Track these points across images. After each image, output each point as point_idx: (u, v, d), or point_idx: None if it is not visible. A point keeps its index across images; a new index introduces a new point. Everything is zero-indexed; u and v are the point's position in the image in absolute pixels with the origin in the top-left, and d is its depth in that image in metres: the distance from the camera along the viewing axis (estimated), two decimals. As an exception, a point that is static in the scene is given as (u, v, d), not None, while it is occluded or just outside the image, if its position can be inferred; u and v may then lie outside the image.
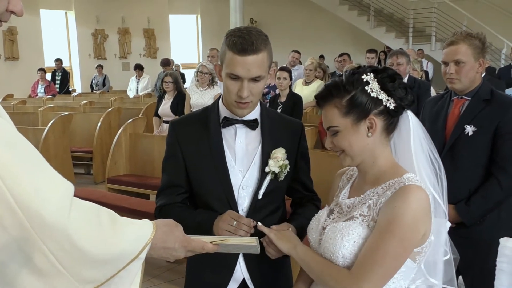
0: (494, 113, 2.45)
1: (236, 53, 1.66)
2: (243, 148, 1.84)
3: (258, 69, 1.69)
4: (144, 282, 4.33)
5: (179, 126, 1.91)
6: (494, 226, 2.46)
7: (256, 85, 1.72)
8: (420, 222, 1.42)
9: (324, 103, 1.55)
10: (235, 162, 1.83)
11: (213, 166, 1.82)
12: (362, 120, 1.50)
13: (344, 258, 1.45)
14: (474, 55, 2.48)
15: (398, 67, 4.49)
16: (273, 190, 1.84)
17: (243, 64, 1.67)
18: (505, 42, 11.62)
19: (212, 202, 1.84)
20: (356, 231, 1.45)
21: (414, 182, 1.44)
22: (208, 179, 1.83)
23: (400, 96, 1.51)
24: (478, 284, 2.49)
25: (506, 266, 1.68)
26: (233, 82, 1.71)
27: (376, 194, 1.49)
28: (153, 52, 17.20)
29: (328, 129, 1.56)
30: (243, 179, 1.83)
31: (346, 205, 1.58)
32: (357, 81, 1.51)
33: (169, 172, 1.90)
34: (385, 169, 1.54)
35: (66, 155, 6.99)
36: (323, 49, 14.32)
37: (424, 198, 1.43)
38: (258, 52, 1.67)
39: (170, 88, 6.54)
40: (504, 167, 2.41)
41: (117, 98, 10.74)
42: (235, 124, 1.83)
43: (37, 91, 12.52)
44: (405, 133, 1.56)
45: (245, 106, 1.77)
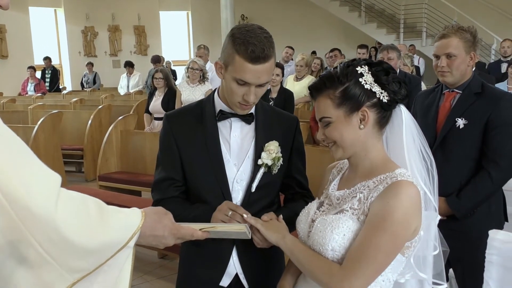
0: (485, 106, 2.46)
1: (248, 61, 1.63)
2: (238, 142, 1.84)
3: (267, 76, 1.69)
4: (136, 278, 4.35)
5: (173, 119, 1.89)
6: (484, 219, 2.47)
7: (261, 89, 1.73)
8: (411, 218, 1.42)
9: (317, 94, 1.55)
10: (230, 155, 1.83)
11: (208, 159, 1.81)
12: (354, 112, 1.49)
13: (334, 251, 1.45)
14: (466, 48, 2.49)
15: (389, 62, 4.50)
16: (266, 184, 1.84)
17: (254, 72, 1.65)
18: (495, 37, 11.68)
19: (207, 195, 1.83)
20: (346, 224, 1.45)
21: (406, 178, 1.44)
22: (203, 172, 1.82)
23: (393, 90, 1.51)
24: (468, 276, 2.50)
25: (495, 258, 1.70)
26: (240, 86, 1.69)
27: (367, 187, 1.48)
28: (144, 49, 17.13)
29: (320, 120, 1.55)
30: (237, 172, 1.83)
31: (335, 197, 1.57)
32: (351, 73, 1.50)
33: (165, 165, 1.88)
34: (377, 163, 1.53)
35: (56, 153, 6.94)
36: (315, 45, 14.33)
37: (415, 194, 1.43)
38: (268, 60, 1.65)
39: (160, 85, 6.51)
40: (494, 160, 2.42)
41: (108, 96, 10.69)
42: (230, 117, 1.83)
43: (27, 89, 12.45)
44: (398, 127, 1.55)
45: (248, 108, 1.78)
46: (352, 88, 1.49)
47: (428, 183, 1.57)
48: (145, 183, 5.42)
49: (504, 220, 2.58)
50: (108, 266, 1.22)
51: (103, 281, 1.23)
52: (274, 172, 1.82)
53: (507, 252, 1.67)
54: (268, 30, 1.71)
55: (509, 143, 2.43)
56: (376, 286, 1.47)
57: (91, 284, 1.21)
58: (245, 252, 1.82)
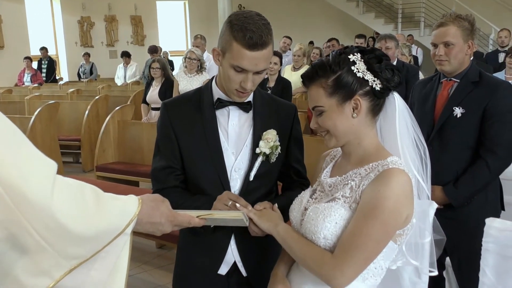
0: (482, 95, 2.45)
1: (246, 47, 1.62)
2: (236, 130, 1.83)
3: (265, 63, 1.68)
4: (134, 268, 4.36)
5: (171, 107, 1.88)
6: (481, 208, 2.48)
7: (259, 76, 1.72)
8: (403, 206, 1.41)
9: (310, 83, 1.54)
10: (228, 144, 1.82)
11: (206, 148, 1.80)
12: (347, 101, 1.48)
13: (326, 239, 1.45)
14: (463, 36, 2.48)
15: (387, 51, 4.49)
16: (265, 172, 1.83)
17: (251, 59, 1.64)
18: (493, 27, 11.67)
19: (205, 184, 1.82)
20: (338, 213, 1.45)
21: (397, 166, 1.43)
22: (201, 161, 1.81)
23: (386, 77, 1.49)
24: (464, 264, 2.52)
25: (491, 246, 1.70)
26: (237, 73, 1.68)
27: (359, 175, 1.48)
28: (141, 40, 17.04)
29: (313, 109, 1.54)
30: (235, 161, 1.82)
31: (327, 184, 1.57)
32: (344, 61, 1.48)
33: (164, 153, 1.86)
34: (370, 151, 1.52)
35: (54, 144, 6.93)
36: (313, 35, 14.28)
37: (406, 181, 1.42)
38: (266, 47, 1.64)
39: (157, 75, 6.49)
40: (492, 149, 2.42)
41: (105, 86, 10.66)
42: (228, 106, 1.82)
43: (23, 80, 12.38)
44: (391, 115, 1.54)
45: (246, 95, 1.77)
46: (344, 77, 1.47)
47: (421, 170, 1.57)
48: (142, 174, 5.42)
49: (501, 209, 2.59)
50: (105, 252, 1.22)
51: (100, 268, 1.23)
52: (272, 160, 1.82)
53: (503, 240, 1.67)
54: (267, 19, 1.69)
55: (507, 132, 2.43)
56: (368, 273, 1.48)
57: (89, 271, 1.21)
58: (243, 240, 1.83)
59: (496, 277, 1.69)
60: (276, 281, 1.62)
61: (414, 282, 1.83)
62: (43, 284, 1.13)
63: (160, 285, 3.82)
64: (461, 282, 2.61)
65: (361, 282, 1.48)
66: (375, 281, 1.51)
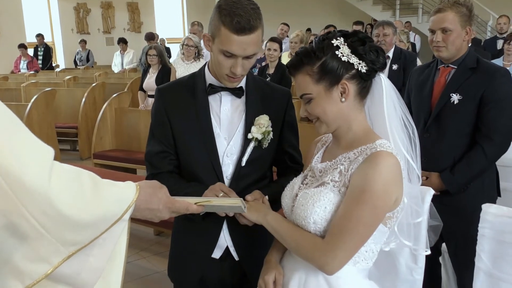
0: (479, 81, 2.45)
1: (233, 32, 1.62)
2: (228, 116, 1.84)
3: (253, 47, 1.67)
4: (132, 255, 4.37)
5: (166, 93, 1.89)
6: (477, 194, 2.49)
7: (249, 61, 1.72)
8: (391, 189, 1.42)
9: (295, 72, 1.54)
10: (220, 129, 1.83)
11: (199, 133, 1.82)
12: (334, 86, 1.49)
13: (316, 224, 1.46)
14: (461, 22, 2.47)
15: (385, 38, 4.49)
16: (257, 158, 1.84)
17: (240, 43, 1.63)
18: (491, 14, 11.63)
19: (197, 169, 1.84)
20: (327, 197, 1.46)
21: (385, 149, 1.44)
22: (194, 146, 1.83)
23: (371, 59, 1.50)
24: (461, 250, 2.53)
25: (487, 231, 1.71)
26: (226, 58, 1.68)
27: (348, 159, 1.49)
28: (138, 27, 16.94)
29: (301, 97, 1.55)
30: (227, 146, 1.83)
31: (318, 170, 1.59)
32: (327, 46, 1.49)
33: (158, 138, 1.88)
34: (359, 135, 1.54)
35: (51, 131, 6.91)
36: (310, 22, 14.19)
37: (394, 164, 1.42)
38: (254, 31, 1.64)
39: (154, 62, 6.46)
40: (488, 135, 2.42)
41: (102, 73, 10.60)
42: (220, 91, 1.83)
43: (20, 67, 12.32)
44: (378, 96, 1.55)
45: (236, 80, 1.77)
46: (329, 62, 1.48)
47: (410, 150, 1.57)
48: (140, 161, 5.42)
49: (497, 195, 2.60)
50: (103, 239, 1.23)
51: (98, 254, 1.24)
52: (265, 146, 1.82)
53: (499, 225, 1.68)
54: (262, 8, 1.69)
55: (503, 118, 2.43)
56: (359, 257, 1.49)
57: (87, 257, 1.21)
58: (235, 226, 1.83)
59: (492, 262, 1.71)
60: (269, 268, 1.63)
61: (411, 268, 1.85)
62: (42, 270, 1.14)
63: (158, 271, 3.84)
64: (457, 268, 2.63)
65: (352, 266, 1.50)
66: (367, 264, 1.53)
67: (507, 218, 1.68)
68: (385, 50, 4.51)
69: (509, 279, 1.66)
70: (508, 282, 1.67)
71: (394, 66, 4.51)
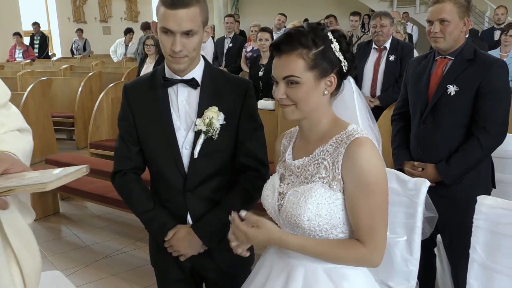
0: (476, 72, 2.44)
1: (168, 7, 1.68)
2: (186, 108, 1.87)
3: (189, 23, 1.70)
4: (128, 245, 4.37)
5: (130, 88, 1.95)
6: (473, 185, 2.49)
7: (189, 40, 1.73)
8: (383, 168, 1.48)
9: (288, 50, 1.47)
10: (179, 121, 1.87)
11: (160, 126, 1.86)
12: (324, 77, 1.49)
13: (310, 221, 1.47)
14: (459, 14, 2.47)
15: (382, 29, 4.47)
16: (211, 151, 1.85)
17: (174, 17, 1.68)
18: (489, 4, 11.60)
19: (160, 162, 1.90)
20: (318, 193, 1.47)
21: (361, 134, 1.47)
22: (155, 139, 1.88)
23: (351, 59, 1.53)
24: (455, 241, 2.54)
25: (482, 223, 1.72)
26: (166, 37, 1.73)
27: (327, 152, 1.50)
28: (135, 16, 16.86)
29: (284, 78, 1.48)
30: (185, 138, 1.86)
31: (296, 167, 1.57)
32: (325, 37, 1.49)
33: (123, 133, 1.95)
34: (328, 126, 1.55)
35: (47, 121, 6.88)
36: (307, 12, 14.13)
37: (373, 145, 1.47)
38: (188, 6, 1.68)
39: (151, 51, 6.43)
40: (484, 127, 2.43)
41: (98, 63, 10.55)
42: (177, 83, 1.85)
43: (15, 56, 12.25)
44: (349, 96, 1.60)
45: (180, 61, 1.78)
46: (326, 53, 1.48)
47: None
48: (136, 151, 5.41)
49: (492, 187, 2.61)
50: None
51: None
52: (214, 137, 1.83)
53: (494, 217, 1.69)
54: None
55: (499, 110, 2.43)
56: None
57: None
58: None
59: (486, 253, 1.71)
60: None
61: (406, 259, 1.86)
62: None
63: (155, 261, 3.85)
64: (452, 259, 2.65)
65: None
66: None
67: (502, 210, 1.68)
68: (382, 41, 4.51)
69: (503, 270, 1.67)
70: (502, 274, 1.67)
71: (391, 57, 4.49)
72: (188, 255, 1.91)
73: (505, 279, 1.67)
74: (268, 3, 13.26)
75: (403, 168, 2.64)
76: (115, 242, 4.22)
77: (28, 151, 1.47)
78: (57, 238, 4.43)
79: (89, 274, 3.68)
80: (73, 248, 4.16)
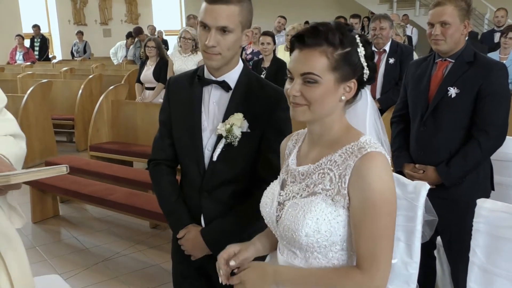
0: (476, 75, 2.45)
1: (208, 2, 1.72)
2: (215, 109, 1.87)
3: (225, 19, 1.70)
4: (128, 248, 4.37)
5: (172, 84, 2.01)
6: (473, 187, 2.49)
7: (224, 37, 1.73)
8: (393, 186, 1.36)
9: (312, 44, 1.36)
10: (207, 122, 1.88)
11: (189, 124, 1.88)
12: (345, 81, 1.39)
13: (308, 237, 1.38)
14: (460, 16, 2.47)
15: (381, 32, 4.47)
16: (232, 157, 1.83)
17: (211, 11, 1.70)
18: (488, 7, 11.61)
19: (184, 158, 1.95)
20: (319, 207, 1.38)
21: (373, 148, 1.36)
22: (182, 135, 1.93)
23: (373, 68, 1.44)
24: (455, 244, 2.54)
25: (482, 226, 1.71)
26: (203, 31, 1.74)
27: (335, 163, 1.40)
28: (135, 18, 16.86)
29: (302, 75, 1.37)
30: (208, 139, 1.87)
31: (299, 173, 1.48)
32: (353, 40, 1.39)
33: (161, 124, 2.01)
34: (340, 133, 1.45)
35: (47, 123, 6.88)
36: (307, 14, 14.14)
37: (385, 162, 1.36)
38: (228, 3, 1.70)
39: (152, 53, 6.42)
40: (484, 129, 2.43)
41: (99, 65, 10.56)
42: (211, 84, 1.86)
43: (16, 58, 12.26)
44: (362, 107, 1.50)
45: (212, 57, 1.77)
46: (352, 56, 1.38)
47: None
48: (136, 153, 5.42)
49: (491, 189, 2.61)
50: None
51: None
52: (234, 144, 1.81)
53: (494, 220, 1.68)
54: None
55: (499, 112, 2.44)
56: None
57: None
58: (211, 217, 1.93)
59: (486, 257, 1.71)
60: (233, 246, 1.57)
61: (406, 262, 1.85)
62: None
63: (154, 264, 3.85)
64: (452, 261, 2.64)
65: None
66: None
67: (502, 213, 1.68)
68: (382, 44, 4.51)
69: (503, 274, 1.67)
70: (502, 277, 1.67)
71: (391, 60, 4.50)
72: (196, 256, 1.94)
73: (505, 283, 1.67)
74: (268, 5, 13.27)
75: (403, 171, 2.64)
76: (115, 245, 4.22)
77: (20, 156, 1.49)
78: (56, 240, 4.42)
79: (88, 277, 3.68)
80: (72, 251, 4.16)
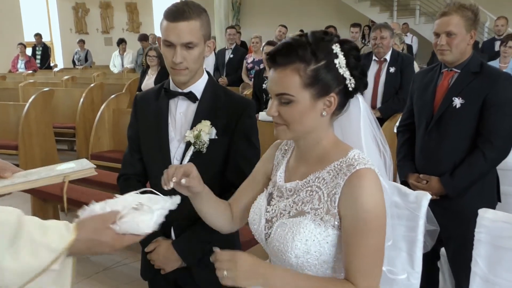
0: (482, 85, 2.44)
1: (169, 20, 1.75)
2: (182, 120, 1.91)
3: (189, 35, 1.75)
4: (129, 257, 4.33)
5: (139, 101, 2.05)
6: (477, 198, 2.48)
7: (189, 52, 1.77)
8: (383, 203, 1.34)
9: (283, 63, 1.32)
10: (174, 132, 1.91)
11: (157, 136, 1.92)
12: (323, 97, 1.34)
13: (297, 258, 1.35)
14: (466, 26, 2.46)
15: (382, 41, 4.49)
16: (199, 164, 1.74)
17: (174, 29, 1.74)
18: (488, 15, 11.63)
19: (153, 169, 1.96)
20: (308, 229, 1.34)
21: (362, 165, 1.32)
22: (151, 148, 1.95)
23: (360, 76, 1.37)
24: (458, 254, 2.53)
25: (484, 236, 1.71)
26: (168, 49, 1.78)
27: (323, 181, 1.37)
28: (136, 27, 16.94)
29: (278, 95, 1.34)
30: (177, 149, 1.90)
31: (287, 189, 1.44)
32: (329, 50, 1.33)
33: (129, 140, 2.07)
34: (328, 148, 1.41)
35: (48, 131, 6.88)
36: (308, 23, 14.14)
37: (376, 178, 1.33)
38: (189, 19, 1.74)
39: (154, 63, 6.45)
40: (489, 139, 2.42)
41: (100, 74, 10.59)
42: (178, 96, 1.90)
43: (17, 66, 12.30)
44: (355, 116, 1.44)
45: (180, 72, 1.82)
46: (327, 70, 1.32)
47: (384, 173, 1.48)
48: (138, 162, 5.41)
49: (497, 200, 2.59)
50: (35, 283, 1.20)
51: None
52: (203, 151, 1.84)
53: (496, 230, 1.68)
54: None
55: (505, 123, 2.43)
56: None
57: None
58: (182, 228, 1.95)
59: (488, 267, 1.71)
60: None
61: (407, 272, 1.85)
62: None
63: (156, 273, 3.84)
64: (455, 272, 2.63)
65: None
66: None
67: (504, 223, 1.68)
68: (383, 53, 4.53)
69: (505, 284, 1.67)
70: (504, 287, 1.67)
71: (392, 69, 4.52)
72: (167, 269, 1.94)
73: (507, 293, 1.67)
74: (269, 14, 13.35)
75: (407, 180, 2.64)
76: (116, 254, 4.21)
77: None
78: (58, 249, 4.41)
79: (90, 286, 3.67)
80: (73, 260, 4.15)
